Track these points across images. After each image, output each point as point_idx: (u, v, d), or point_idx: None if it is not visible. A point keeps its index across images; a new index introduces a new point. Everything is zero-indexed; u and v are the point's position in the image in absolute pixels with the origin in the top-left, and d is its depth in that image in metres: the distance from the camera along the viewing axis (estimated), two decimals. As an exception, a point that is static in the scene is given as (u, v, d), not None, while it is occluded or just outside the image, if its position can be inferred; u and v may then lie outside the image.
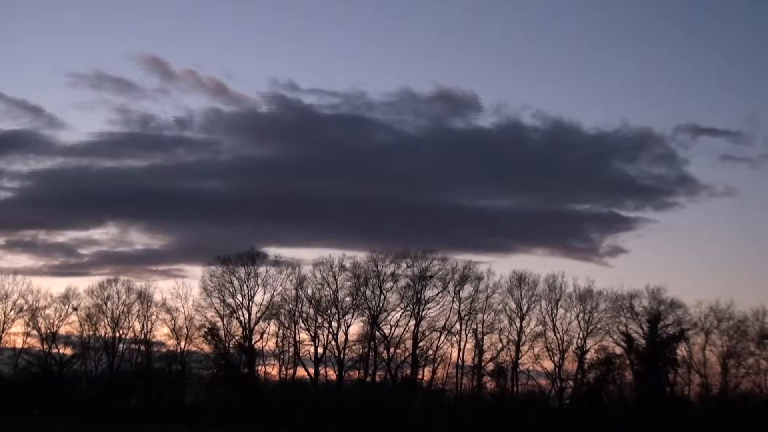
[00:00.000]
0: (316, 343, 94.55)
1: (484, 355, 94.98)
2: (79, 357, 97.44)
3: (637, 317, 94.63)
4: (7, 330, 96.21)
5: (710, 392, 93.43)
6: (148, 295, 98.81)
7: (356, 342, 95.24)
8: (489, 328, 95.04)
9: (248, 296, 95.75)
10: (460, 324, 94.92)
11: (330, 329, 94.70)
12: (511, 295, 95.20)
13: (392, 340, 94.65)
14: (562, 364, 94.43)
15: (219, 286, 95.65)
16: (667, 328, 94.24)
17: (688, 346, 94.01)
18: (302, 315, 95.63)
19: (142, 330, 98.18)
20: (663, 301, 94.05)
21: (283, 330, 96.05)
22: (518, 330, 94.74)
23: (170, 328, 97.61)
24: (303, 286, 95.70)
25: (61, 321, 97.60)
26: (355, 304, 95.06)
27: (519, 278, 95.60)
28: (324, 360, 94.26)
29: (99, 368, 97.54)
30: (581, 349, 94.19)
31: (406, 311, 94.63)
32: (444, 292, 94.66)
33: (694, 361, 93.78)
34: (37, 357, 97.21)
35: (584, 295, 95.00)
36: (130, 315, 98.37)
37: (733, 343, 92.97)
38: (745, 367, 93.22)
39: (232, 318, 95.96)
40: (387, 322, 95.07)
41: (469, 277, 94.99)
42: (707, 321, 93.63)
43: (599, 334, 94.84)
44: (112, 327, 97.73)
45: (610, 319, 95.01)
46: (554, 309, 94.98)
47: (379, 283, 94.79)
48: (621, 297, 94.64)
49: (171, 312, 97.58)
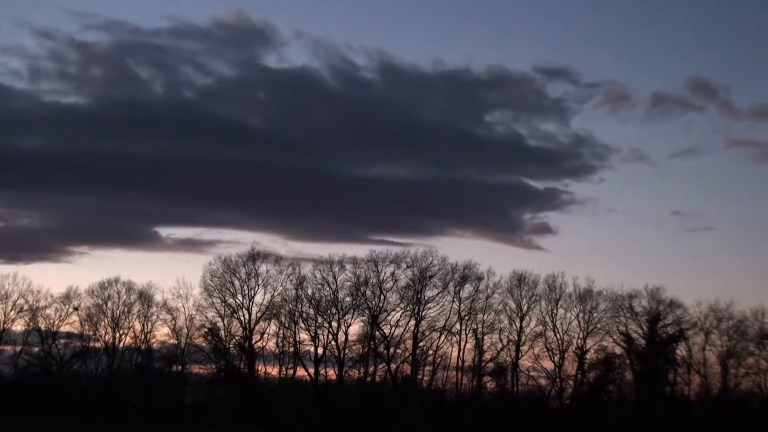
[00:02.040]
0: (316, 343, 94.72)
1: (484, 355, 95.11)
2: (79, 357, 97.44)
3: (636, 317, 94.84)
4: (8, 330, 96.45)
5: (710, 392, 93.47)
6: (149, 295, 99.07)
7: (356, 342, 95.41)
8: (489, 328, 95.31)
9: (248, 296, 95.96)
10: (460, 324, 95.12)
11: (330, 329, 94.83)
12: (511, 295, 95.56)
13: (392, 340, 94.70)
14: (562, 364, 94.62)
15: (219, 286, 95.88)
16: (667, 328, 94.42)
17: (687, 346, 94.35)
18: (302, 315, 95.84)
19: (142, 330, 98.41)
20: (662, 301, 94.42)
21: (283, 330, 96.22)
22: (518, 330, 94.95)
23: (170, 328, 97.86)
24: (303, 286, 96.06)
25: (61, 321, 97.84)
26: (355, 304, 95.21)
27: (519, 278, 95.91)
28: (324, 360, 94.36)
29: (99, 368, 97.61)
30: (581, 349, 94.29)
31: (406, 311, 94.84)
32: (444, 292, 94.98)
33: (693, 361, 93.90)
34: (37, 357, 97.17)
35: (584, 295, 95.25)
36: (130, 315, 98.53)
37: (733, 343, 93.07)
38: (745, 367, 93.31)
39: (232, 318, 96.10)
40: (387, 322, 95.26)
41: (469, 277, 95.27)
42: (707, 321, 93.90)
43: (599, 334, 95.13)
44: (112, 327, 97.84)
45: (609, 319, 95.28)
46: (554, 309, 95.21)
47: (380, 284, 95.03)
48: (621, 297, 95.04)
49: (171, 312, 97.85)
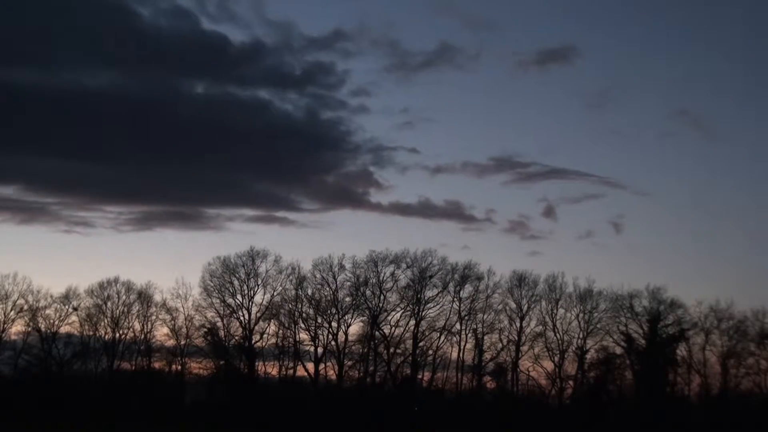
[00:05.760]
0: (316, 343, 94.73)
1: (484, 355, 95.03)
2: (79, 357, 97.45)
3: (637, 317, 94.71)
4: (8, 330, 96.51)
5: (710, 392, 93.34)
6: (148, 295, 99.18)
7: (356, 342, 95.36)
8: (489, 328, 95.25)
9: (248, 296, 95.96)
10: (460, 324, 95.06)
11: (330, 329, 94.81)
12: (511, 295, 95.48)
13: (392, 340, 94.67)
14: (562, 364, 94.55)
15: (219, 286, 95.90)
16: (667, 328, 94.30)
17: (688, 346, 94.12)
18: (302, 315, 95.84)
19: (142, 330, 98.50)
20: (663, 301, 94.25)
21: (283, 330, 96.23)
22: (518, 330, 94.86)
23: (170, 328, 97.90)
24: (303, 286, 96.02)
25: (61, 321, 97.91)
26: (355, 304, 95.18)
27: (519, 278, 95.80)
28: (324, 360, 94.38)
29: (99, 368, 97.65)
30: (581, 349, 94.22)
31: (406, 311, 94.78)
32: (444, 292, 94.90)
33: (694, 361, 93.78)
34: (37, 357, 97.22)
35: (584, 295, 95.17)
36: (130, 315, 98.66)
37: (733, 343, 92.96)
38: (745, 367, 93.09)
39: (232, 318, 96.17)
40: (387, 322, 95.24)
41: (470, 277, 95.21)
42: (707, 321, 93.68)
43: (599, 334, 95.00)
44: (112, 327, 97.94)
45: (610, 319, 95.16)
46: (554, 309, 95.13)
47: (380, 284, 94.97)
48: (621, 297, 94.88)
49: (171, 312, 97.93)
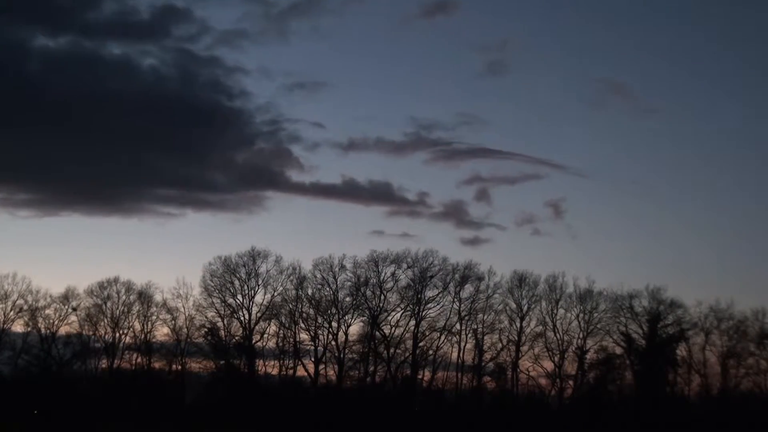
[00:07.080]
0: (316, 343, 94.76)
1: (484, 355, 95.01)
2: (78, 357, 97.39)
3: (637, 317, 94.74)
4: (7, 330, 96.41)
5: (710, 392, 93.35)
6: (149, 295, 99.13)
7: (356, 342, 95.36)
8: (489, 328, 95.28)
9: (249, 296, 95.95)
10: (461, 324, 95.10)
11: (330, 329, 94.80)
12: (511, 296, 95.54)
13: (392, 341, 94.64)
14: (562, 364, 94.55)
15: (219, 286, 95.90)
16: (667, 328, 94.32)
17: (687, 346, 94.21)
18: (302, 315, 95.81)
19: (142, 330, 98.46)
20: (663, 301, 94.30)
21: (283, 330, 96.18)
22: (518, 330, 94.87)
23: (170, 328, 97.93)
24: (303, 286, 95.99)
25: (61, 321, 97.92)
26: (355, 304, 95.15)
27: (519, 278, 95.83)
28: (324, 360, 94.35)
29: (99, 368, 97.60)
30: (581, 349, 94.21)
31: (406, 311, 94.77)
32: (444, 292, 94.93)
33: (693, 361, 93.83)
34: (37, 357, 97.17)
35: (584, 295, 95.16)
36: (130, 315, 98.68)
37: (733, 343, 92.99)
38: (745, 367, 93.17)
39: (232, 318, 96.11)
40: (387, 323, 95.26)
41: (470, 277, 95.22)
42: (707, 321, 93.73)
43: (599, 334, 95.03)
44: (112, 327, 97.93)
45: (610, 319, 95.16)
46: (554, 309, 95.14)
47: (380, 284, 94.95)
48: (621, 297, 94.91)
49: (171, 312, 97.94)
